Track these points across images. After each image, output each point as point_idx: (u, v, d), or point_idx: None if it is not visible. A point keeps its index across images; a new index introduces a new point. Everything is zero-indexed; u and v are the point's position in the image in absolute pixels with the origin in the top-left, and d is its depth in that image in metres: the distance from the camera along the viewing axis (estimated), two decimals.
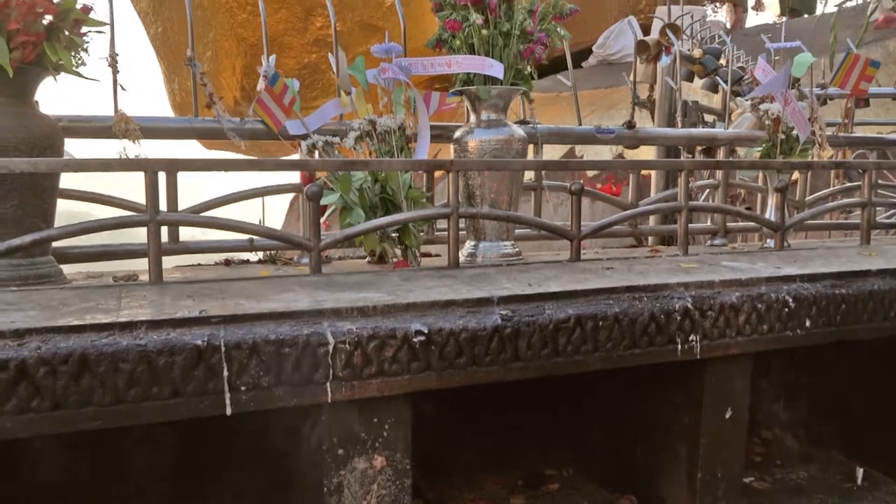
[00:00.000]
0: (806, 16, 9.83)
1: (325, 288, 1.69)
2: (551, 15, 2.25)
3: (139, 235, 1.84)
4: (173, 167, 1.77)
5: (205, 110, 2.23)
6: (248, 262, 2.20)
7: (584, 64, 9.02)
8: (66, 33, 1.70)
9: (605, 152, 6.60)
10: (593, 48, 8.62)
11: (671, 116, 2.98)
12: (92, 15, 1.74)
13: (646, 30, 8.92)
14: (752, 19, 10.68)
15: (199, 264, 2.11)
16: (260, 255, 2.21)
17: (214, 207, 2.10)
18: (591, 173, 6.76)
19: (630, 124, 2.52)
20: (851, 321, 2.00)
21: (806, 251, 2.42)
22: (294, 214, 9.28)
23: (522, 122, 2.44)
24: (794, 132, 2.45)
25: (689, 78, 3.36)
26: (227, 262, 2.12)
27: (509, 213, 2.06)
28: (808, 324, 1.94)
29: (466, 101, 2.22)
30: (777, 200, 2.39)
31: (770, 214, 2.50)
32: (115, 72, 1.91)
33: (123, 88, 1.92)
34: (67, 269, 1.93)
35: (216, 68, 7.88)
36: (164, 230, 1.77)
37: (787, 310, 1.90)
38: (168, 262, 1.90)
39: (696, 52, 3.13)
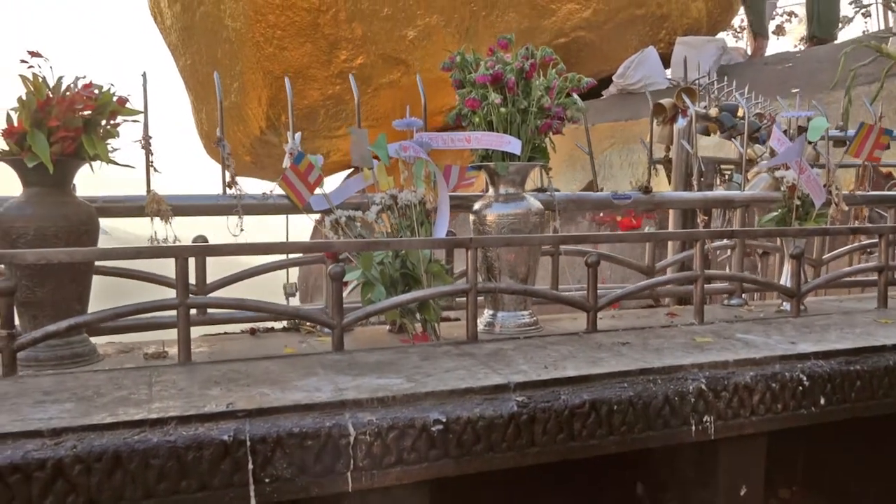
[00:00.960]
0: (827, 44, 9.78)
1: (346, 371, 1.74)
2: (568, 88, 2.31)
3: (167, 267, 1.91)
4: (204, 253, 1.84)
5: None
6: (272, 329, 2.26)
7: (604, 93, 9.04)
8: (103, 125, 1.78)
9: (624, 182, 6.63)
10: (613, 78, 8.65)
11: (687, 178, 3.02)
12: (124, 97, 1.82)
13: (665, 59, 8.95)
14: (773, 45, 10.65)
15: (225, 333, 2.18)
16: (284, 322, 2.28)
17: (245, 278, 2.17)
18: None
19: (646, 189, 2.56)
20: (866, 397, 2.01)
21: (822, 318, 2.43)
22: (318, 235, 9.36)
23: (540, 190, 2.49)
24: (810, 198, 2.47)
25: (707, 133, 3.39)
26: (253, 332, 2.18)
27: (526, 288, 2.11)
28: (822, 401, 1.96)
29: (485, 174, 2.28)
30: (793, 267, 2.41)
31: (786, 278, 2.52)
32: (149, 153, 1.99)
33: (156, 170, 2.00)
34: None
35: (243, 100, 8.04)
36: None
37: (801, 388, 1.92)
38: (196, 330, 1.97)
39: (713, 111, 3.16)
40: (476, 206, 2.25)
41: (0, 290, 1.60)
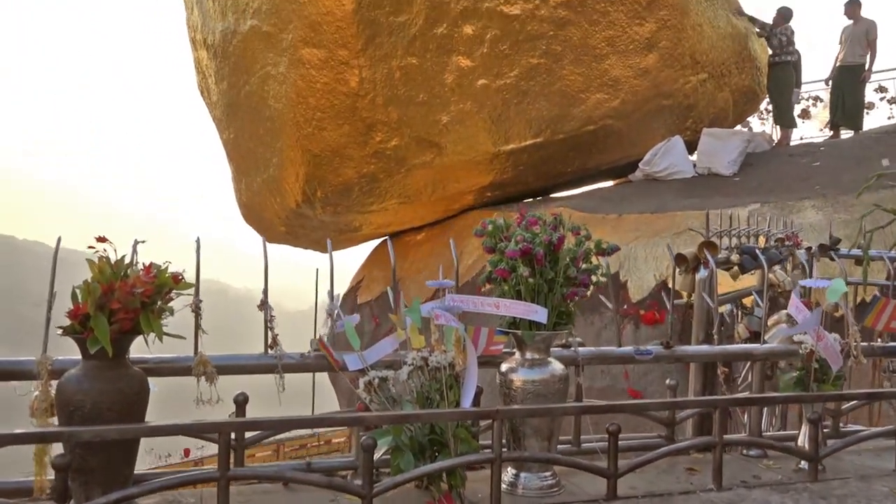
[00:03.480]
0: (852, 135, 9.86)
1: None
2: (593, 253, 2.42)
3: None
4: (244, 427, 1.96)
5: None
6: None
7: (630, 177, 9.20)
8: (159, 304, 1.93)
9: (649, 275, 6.68)
10: (640, 164, 8.80)
11: (708, 330, 3.10)
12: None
13: (692, 146, 9.10)
14: (798, 128, 10.70)
15: (258, 482, 2.29)
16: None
17: (283, 430, 2.28)
18: (634, 298, 6.84)
19: (667, 344, 2.65)
20: None
21: (839, 484, 2.47)
22: (349, 305, 9.54)
23: (564, 346, 2.58)
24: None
25: (729, 267, 3.47)
26: (286, 484, 2.28)
27: (549, 457, 2.19)
28: None
29: (513, 338, 2.38)
30: (811, 431, 2.47)
31: (804, 440, 2.57)
32: (198, 317, 2.13)
33: (204, 332, 2.14)
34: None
35: (281, 174, 8.31)
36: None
37: None
38: None
39: (734, 257, 3.25)
40: (503, 368, 2.35)
41: (56, 465, 1.73)
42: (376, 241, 10.34)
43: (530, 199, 9.55)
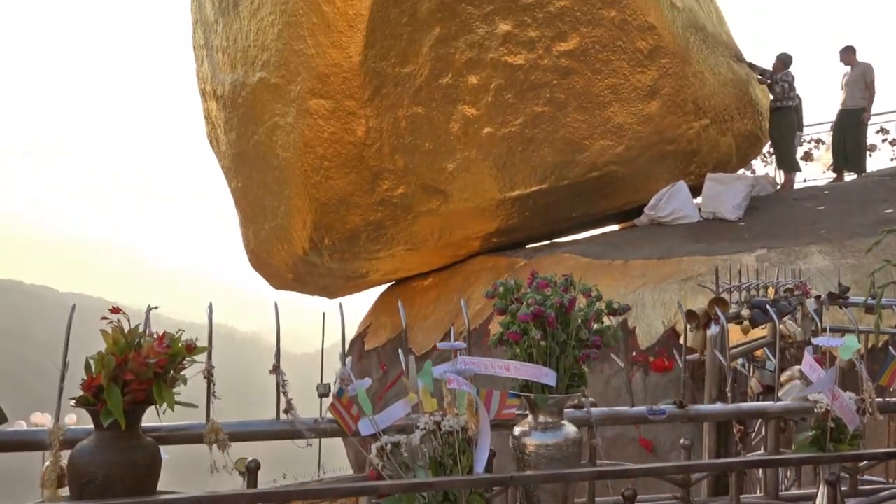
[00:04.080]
0: (856, 178, 9.92)
1: None
2: (605, 313, 2.42)
3: None
4: (255, 499, 1.95)
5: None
6: None
7: (635, 221, 9.24)
8: (172, 373, 1.93)
9: (657, 321, 6.66)
10: (645, 209, 8.85)
11: (721, 387, 3.08)
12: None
13: (696, 190, 9.15)
14: (801, 173, 10.79)
15: None
16: None
17: (295, 499, 2.25)
18: (643, 345, 6.80)
19: (681, 404, 2.63)
20: None
21: None
22: (356, 352, 9.52)
23: (577, 407, 2.57)
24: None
25: (739, 322, 3.47)
26: None
27: None
28: None
29: (525, 401, 2.37)
30: (829, 494, 2.43)
31: (822, 500, 2.53)
32: (211, 383, 2.13)
33: (217, 397, 2.13)
34: None
35: (289, 222, 8.37)
36: None
37: None
38: None
39: (745, 313, 3.25)
40: (516, 431, 2.33)
41: None
42: (383, 287, 10.37)
43: (536, 244, 9.58)
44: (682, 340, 2.99)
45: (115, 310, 1.93)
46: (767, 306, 3.13)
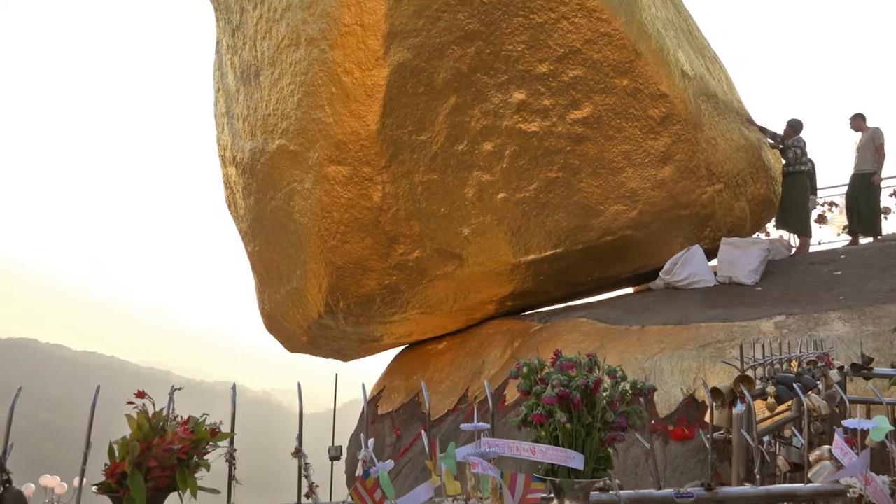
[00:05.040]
0: (872, 242, 9.90)
1: None
2: (630, 394, 2.40)
3: None
4: None
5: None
6: None
7: (651, 285, 9.21)
8: (195, 459, 1.92)
9: (675, 389, 6.56)
10: (660, 273, 8.83)
11: (749, 467, 3.02)
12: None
13: (711, 254, 9.14)
14: (815, 236, 10.80)
15: None
16: None
17: None
18: (662, 413, 6.69)
19: (709, 486, 2.57)
20: None
21: None
22: (370, 416, 9.41)
23: (603, 489, 2.52)
24: None
25: (765, 398, 3.42)
26: None
27: None
28: None
29: (550, 485, 2.33)
30: None
31: None
32: (232, 467, 2.11)
33: (238, 482, 2.11)
34: None
35: (304, 286, 8.41)
36: None
37: None
38: None
39: (770, 389, 3.21)
40: None
41: None
42: (397, 350, 10.33)
43: (551, 307, 9.55)
44: (707, 418, 2.94)
45: (141, 394, 1.93)
46: (794, 385, 3.08)
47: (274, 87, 7.96)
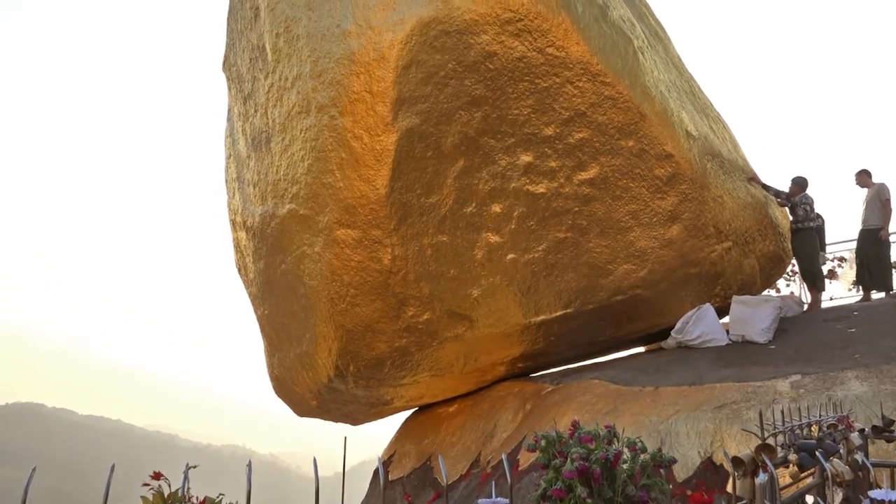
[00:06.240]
0: (885, 298, 9.84)
1: None
2: (651, 466, 2.36)
3: None
4: None
5: None
6: None
7: (663, 344, 9.15)
8: None
9: (692, 452, 6.43)
10: (672, 332, 8.77)
11: None
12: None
13: (722, 312, 9.09)
14: (827, 291, 10.75)
15: None
16: None
17: None
18: (679, 477, 6.54)
19: None
20: None
21: None
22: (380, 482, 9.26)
23: None
24: None
25: (787, 466, 3.36)
26: None
27: None
28: None
29: None
30: None
31: None
32: None
33: None
34: None
35: (314, 349, 8.37)
36: None
37: None
38: None
39: (792, 457, 3.15)
40: None
41: None
42: (407, 413, 10.20)
43: (562, 367, 9.47)
44: (729, 487, 2.88)
45: (157, 475, 1.91)
46: (816, 452, 3.02)
47: (284, 152, 8.10)
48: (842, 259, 12.14)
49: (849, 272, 12.15)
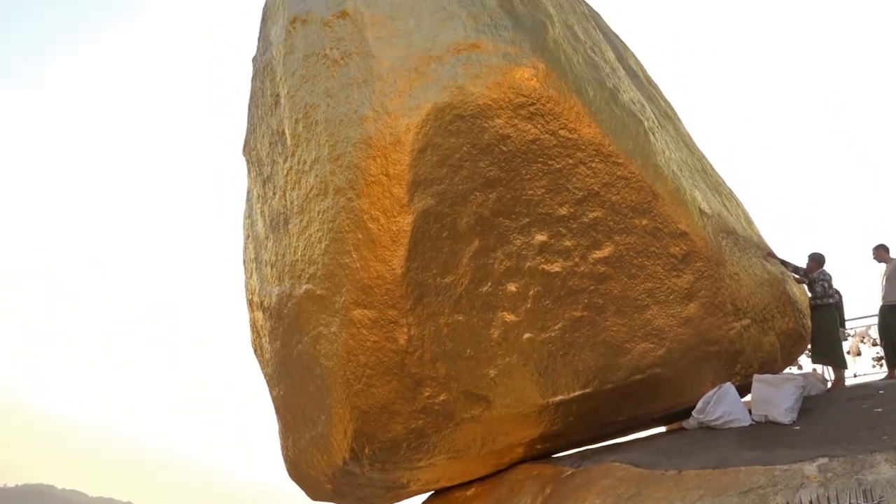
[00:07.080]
0: None
1: None
2: None
3: None
4: None
5: None
6: None
7: (684, 424, 8.96)
8: None
9: None
10: (693, 412, 8.59)
11: None
12: None
13: (743, 391, 8.91)
14: (850, 368, 10.56)
15: None
16: None
17: None
18: None
19: None
20: None
21: None
22: None
23: None
24: None
25: None
26: None
27: None
28: None
29: None
30: None
31: None
32: None
33: None
34: None
35: (329, 431, 8.27)
36: None
37: None
38: None
39: None
40: None
41: None
42: (424, 496, 9.95)
43: (582, 448, 9.25)
44: None
45: None
46: None
47: (302, 233, 8.23)
48: (864, 336, 11.96)
49: (870, 349, 11.96)
